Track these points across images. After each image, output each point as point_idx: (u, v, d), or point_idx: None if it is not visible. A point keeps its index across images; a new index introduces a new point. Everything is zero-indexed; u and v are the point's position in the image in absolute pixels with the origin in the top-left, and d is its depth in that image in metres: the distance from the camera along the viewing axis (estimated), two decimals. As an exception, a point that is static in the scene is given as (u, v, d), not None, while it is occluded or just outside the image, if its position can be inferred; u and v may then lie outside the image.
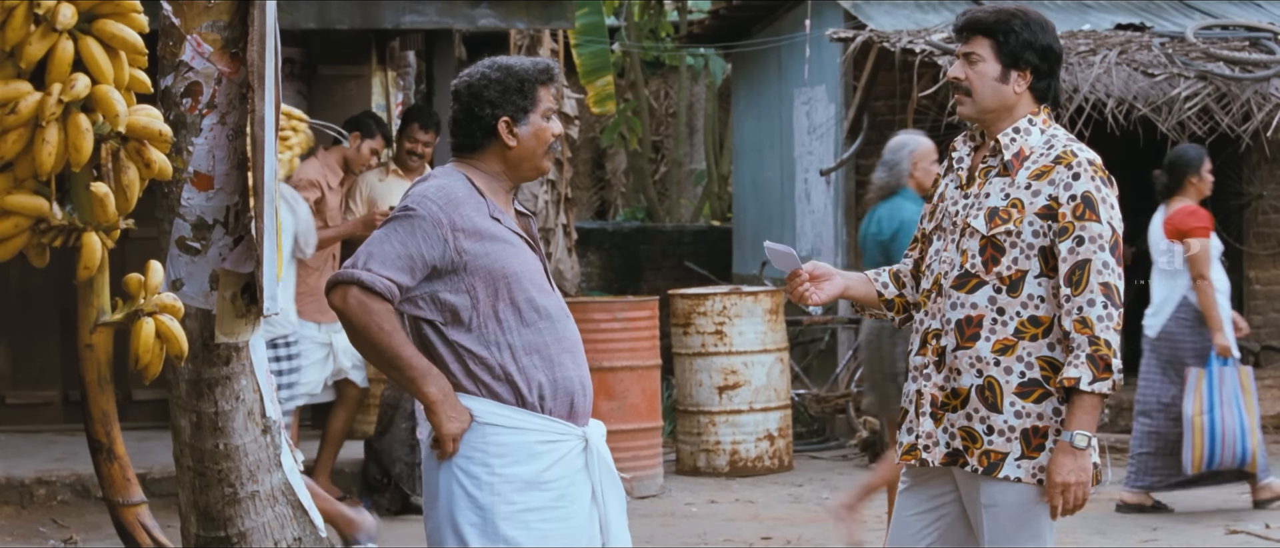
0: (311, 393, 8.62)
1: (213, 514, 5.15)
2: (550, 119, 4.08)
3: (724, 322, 10.09)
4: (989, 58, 4.33)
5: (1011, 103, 4.34)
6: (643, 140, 19.77)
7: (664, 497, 9.43)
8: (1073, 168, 4.24)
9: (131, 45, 4.39)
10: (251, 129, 4.88)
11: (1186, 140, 10.56)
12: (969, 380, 4.27)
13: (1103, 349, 4.15)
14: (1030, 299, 4.25)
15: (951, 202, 4.40)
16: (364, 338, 3.89)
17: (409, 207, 3.94)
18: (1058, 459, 4.19)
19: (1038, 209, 4.24)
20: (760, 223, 14.62)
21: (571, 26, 10.06)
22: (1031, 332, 4.24)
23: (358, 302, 3.87)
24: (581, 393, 4.03)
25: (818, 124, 12.56)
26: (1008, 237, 4.25)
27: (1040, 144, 4.32)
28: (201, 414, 5.09)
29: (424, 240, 3.90)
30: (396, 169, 8.72)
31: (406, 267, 3.89)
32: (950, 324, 4.30)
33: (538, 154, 4.07)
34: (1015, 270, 4.25)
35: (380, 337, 3.87)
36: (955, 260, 4.32)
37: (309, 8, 8.67)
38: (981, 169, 4.36)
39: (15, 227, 4.38)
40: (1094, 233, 4.19)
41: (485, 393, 3.92)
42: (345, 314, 3.90)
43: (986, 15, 4.36)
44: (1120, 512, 8.67)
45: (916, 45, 10.51)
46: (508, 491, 3.90)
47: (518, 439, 3.92)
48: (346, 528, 7.24)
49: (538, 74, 4.06)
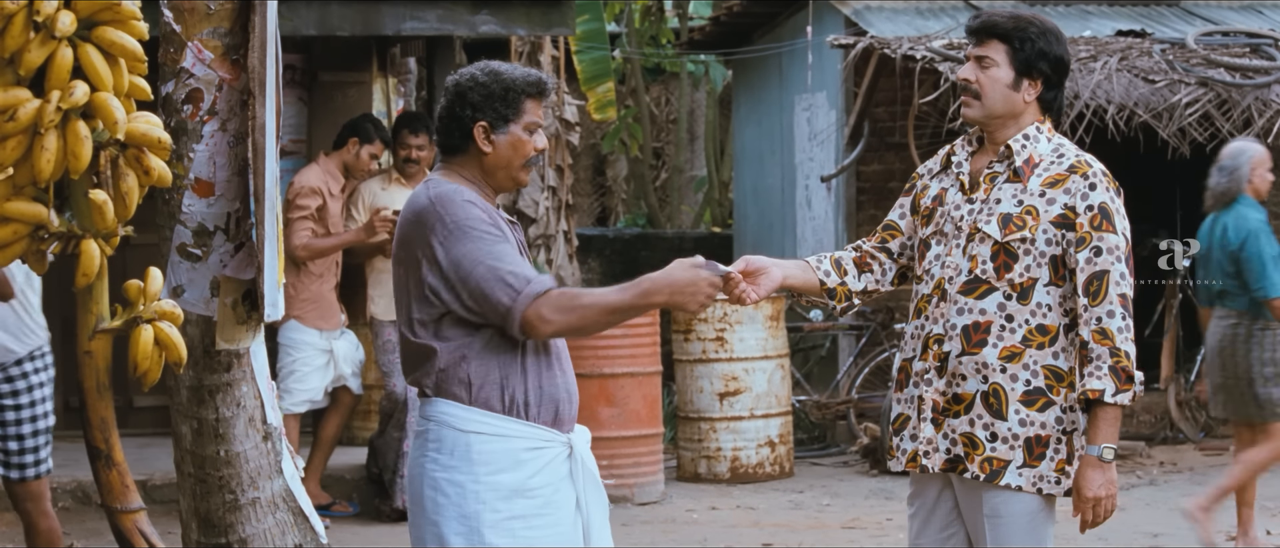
0: (313, 399, 8.63)
1: (214, 521, 5.15)
2: (534, 133, 4.00)
3: (725, 328, 10.08)
4: (1003, 63, 4.31)
5: (1019, 110, 4.33)
6: (643, 147, 19.77)
7: (665, 503, 9.43)
8: (1088, 178, 4.24)
9: (131, 52, 4.38)
10: (252, 136, 4.88)
11: (1187, 147, 10.57)
12: (973, 386, 4.26)
13: (1124, 361, 4.16)
14: (1039, 307, 4.24)
15: (954, 206, 4.38)
16: (590, 329, 3.91)
17: (457, 221, 3.87)
18: (1086, 474, 4.20)
19: (1053, 217, 4.23)
20: (761, 229, 14.61)
21: (572, 33, 10.05)
22: (1039, 340, 4.24)
23: (556, 312, 3.84)
24: (567, 400, 4.01)
25: (819, 130, 12.56)
26: (1022, 243, 4.24)
27: (1049, 152, 4.31)
28: (202, 421, 5.08)
29: (491, 229, 3.88)
30: (398, 177, 8.72)
31: (517, 257, 3.88)
32: (955, 329, 4.28)
33: (514, 165, 4.00)
34: (1027, 278, 4.24)
35: (594, 314, 3.86)
36: (963, 266, 4.30)
37: (310, 14, 8.68)
38: (987, 174, 4.34)
39: (14, 233, 4.37)
40: (1111, 244, 4.20)
41: (472, 400, 3.91)
42: (561, 333, 3.87)
43: (1004, 20, 4.33)
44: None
45: (917, 52, 10.51)
46: (493, 499, 3.87)
47: (503, 447, 3.89)
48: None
49: (525, 85, 3.99)
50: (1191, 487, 9.74)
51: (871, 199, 11.95)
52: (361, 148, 8.63)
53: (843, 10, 11.99)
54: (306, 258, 8.44)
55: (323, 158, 8.74)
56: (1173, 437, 11.42)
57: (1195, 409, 11.54)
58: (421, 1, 8.83)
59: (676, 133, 21.00)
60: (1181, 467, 10.48)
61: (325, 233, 8.54)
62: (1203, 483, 9.81)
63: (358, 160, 8.65)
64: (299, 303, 8.47)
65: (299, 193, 8.46)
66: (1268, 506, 9.03)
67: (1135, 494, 9.54)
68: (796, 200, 13.22)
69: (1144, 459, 10.66)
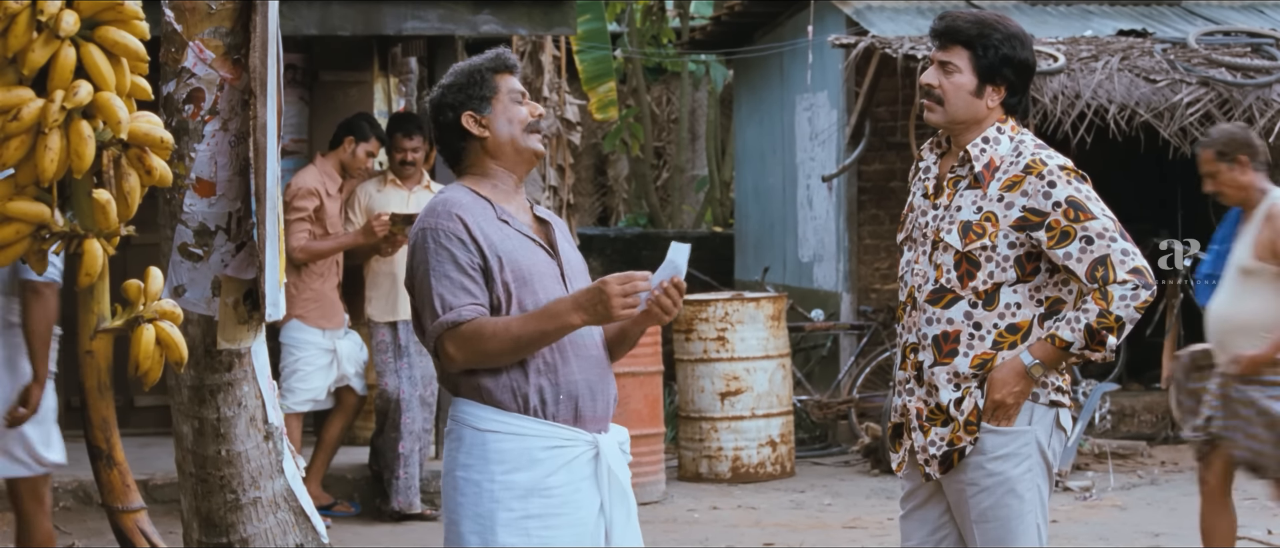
0: (316, 399, 8.63)
1: (215, 521, 5.15)
2: (521, 103, 3.99)
3: (726, 328, 10.08)
4: (966, 69, 4.27)
5: (982, 116, 4.30)
6: (645, 146, 19.78)
7: (666, 503, 9.43)
8: (1044, 176, 4.20)
9: (133, 52, 4.39)
10: (254, 135, 4.87)
11: (1188, 147, 10.57)
12: (948, 396, 4.25)
13: (1109, 322, 4.11)
14: (1007, 308, 4.22)
15: (920, 212, 4.37)
16: (500, 361, 3.85)
17: (422, 227, 3.90)
18: (1003, 371, 4.18)
19: (1013, 221, 4.21)
20: (762, 229, 14.61)
21: (574, 33, 10.04)
22: (1010, 340, 4.23)
23: (457, 348, 3.83)
24: (588, 396, 3.93)
25: (820, 130, 12.56)
26: (983, 252, 4.21)
27: (1009, 152, 4.28)
28: (204, 420, 5.08)
29: (456, 248, 3.86)
30: (393, 179, 8.72)
31: (462, 284, 3.85)
32: (927, 339, 4.28)
33: (517, 136, 3.99)
34: (991, 284, 4.22)
35: (497, 346, 3.81)
36: (929, 274, 4.29)
37: (311, 14, 8.68)
38: (950, 179, 4.32)
39: (16, 233, 4.38)
40: (1098, 229, 4.17)
41: (485, 399, 3.90)
42: (466, 365, 3.85)
43: (967, 25, 4.27)
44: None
45: (918, 51, 10.51)
46: (507, 497, 3.86)
47: (518, 446, 3.87)
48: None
49: (488, 64, 4.00)
50: (1192, 486, 9.72)
51: (872, 199, 11.95)
52: (357, 146, 8.63)
53: (844, 10, 12.00)
54: (304, 260, 8.44)
55: (319, 159, 8.74)
56: (1174, 436, 11.41)
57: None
58: (423, 1, 8.83)
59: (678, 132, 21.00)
60: (1182, 466, 10.47)
61: (323, 234, 8.53)
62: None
63: (354, 159, 8.65)
64: (301, 303, 8.47)
65: (296, 194, 8.46)
66: (1268, 505, 9.03)
67: (1136, 494, 9.54)
68: (798, 200, 13.22)
69: (1145, 459, 10.65)
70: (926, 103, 4.32)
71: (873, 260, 11.90)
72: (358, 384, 8.71)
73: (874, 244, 11.93)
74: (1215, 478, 6.62)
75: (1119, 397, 11.57)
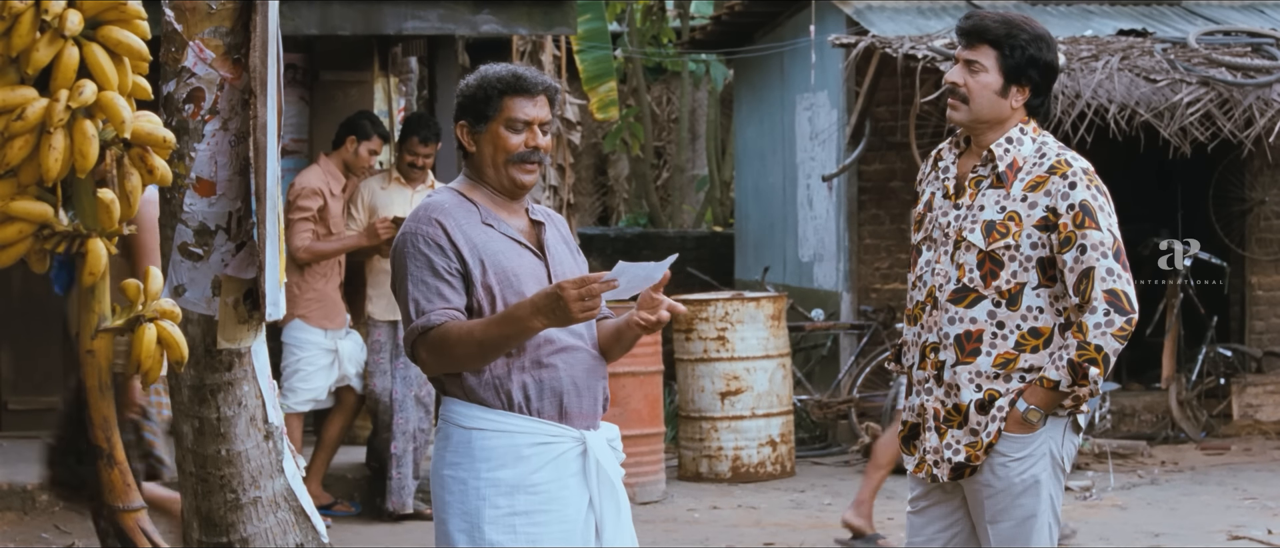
0: (317, 399, 8.63)
1: (215, 520, 5.15)
2: (518, 131, 3.94)
3: (726, 327, 10.09)
4: (992, 69, 4.28)
5: (1006, 116, 4.31)
6: (645, 146, 19.79)
7: (666, 503, 9.43)
8: (1068, 177, 4.22)
9: (135, 51, 4.39)
10: (254, 135, 4.88)
11: (1188, 147, 10.58)
12: (968, 396, 4.26)
13: (1090, 353, 4.14)
14: (1029, 311, 4.23)
15: (941, 212, 4.36)
16: (466, 365, 3.85)
17: (404, 233, 3.94)
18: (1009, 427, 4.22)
19: (1036, 221, 4.22)
20: (763, 228, 14.62)
21: (574, 32, 10.05)
22: (1032, 343, 4.24)
23: (428, 353, 3.85)
24: (573, 393, 3.94)
25: (820, 130, 12.57)
26: (1007, 251, 4.22)
27: (1032, 153, 4.29)
28: (204, 420, 5.09)
29: (434, 253, 3.88)
30: (398, 177, 8.72)
31: (437, 288, 3.87)
32: (949, 339, 4.28)
33: (497, 163, 3.96)
34: (1014, 284, 4.23)
35: (464, 350, 3.82)
36: (951, 274, 4.29)
37: (311, 13, 8.68)
38: (972, 179, 4.32)
39: (19, 232, 4.37)
40: (1095, 241, 4.18)
41: (471, 397, 3.90)
42: (438, 369, 3.88)
43: (995, 25, 4.28)
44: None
45: (919, 51, 10.51)
46: (493, 495, 3.86)
47: (504, 443, 3.88)
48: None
49: (499, 81, 3.95)
50: (1193, 486, 9.75)
51: (873, 199, 11.96)
52: (360, 145, 8.63)
53: (844, 10, 12.00)
54: (308, 260, 8.44)
55: (323, 158, 8.74)
56: (1174, 436, 11.42)
57: (1196, 408, 11.54)
58: (423, 1, 8.84)
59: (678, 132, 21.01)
60: (1183, 466, 10.48)
61: (326, 233, 8.54)
62: (1204, 482, 9.83)
63: (357, 158, 8.65)
64: (303, 302, 8.48)
65: (300, 194, 8.47)
66: (1269, 506, 9.03)
67: (1136, 494, 9.54)
68: (798, 200, 13.22)
69: (1145, 459, 10.66)
70: (950, 100, 4.31)
71: (873, 260, 11.91)
72: (358, 384, 8.72)
73: (874, 244, 11.93)
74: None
75: (1119, 397, 11.58)
